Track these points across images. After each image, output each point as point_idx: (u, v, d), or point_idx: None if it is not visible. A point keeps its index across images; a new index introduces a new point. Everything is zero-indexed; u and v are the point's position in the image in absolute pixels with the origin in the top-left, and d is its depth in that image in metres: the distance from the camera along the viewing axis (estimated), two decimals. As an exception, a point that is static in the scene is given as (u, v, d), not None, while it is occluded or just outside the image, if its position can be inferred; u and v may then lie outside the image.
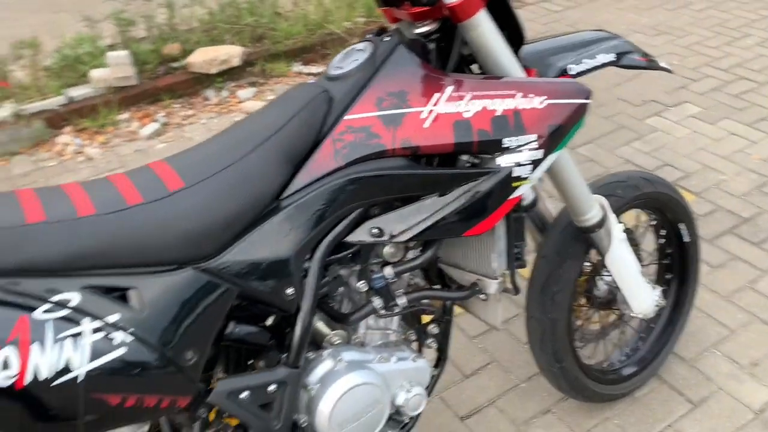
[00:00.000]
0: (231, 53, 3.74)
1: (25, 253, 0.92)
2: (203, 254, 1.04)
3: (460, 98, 1.15)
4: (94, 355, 0.93)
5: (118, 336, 0.96)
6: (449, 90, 1.15)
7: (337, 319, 1.26)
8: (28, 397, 0.90)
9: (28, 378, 0.88)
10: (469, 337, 2.08)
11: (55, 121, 3.37)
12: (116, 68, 3.49)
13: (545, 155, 1.20)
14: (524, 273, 1.65)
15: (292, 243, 1.10)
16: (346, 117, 1.13)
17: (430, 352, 1.42)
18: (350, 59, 1.20)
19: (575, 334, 1.70)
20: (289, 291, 1.11)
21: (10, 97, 3.41)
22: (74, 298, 0.94)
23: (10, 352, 0.87)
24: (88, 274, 0.96)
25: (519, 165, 1.18)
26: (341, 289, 1.26)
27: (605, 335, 1.87)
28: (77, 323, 0.93)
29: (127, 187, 1.03)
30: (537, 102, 1.18)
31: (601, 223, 1.49)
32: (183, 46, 3.82)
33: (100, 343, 0.94)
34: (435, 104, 1.14)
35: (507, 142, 1.17)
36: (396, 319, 1.35)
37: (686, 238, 1.81)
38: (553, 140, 1.20)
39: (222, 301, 1.05)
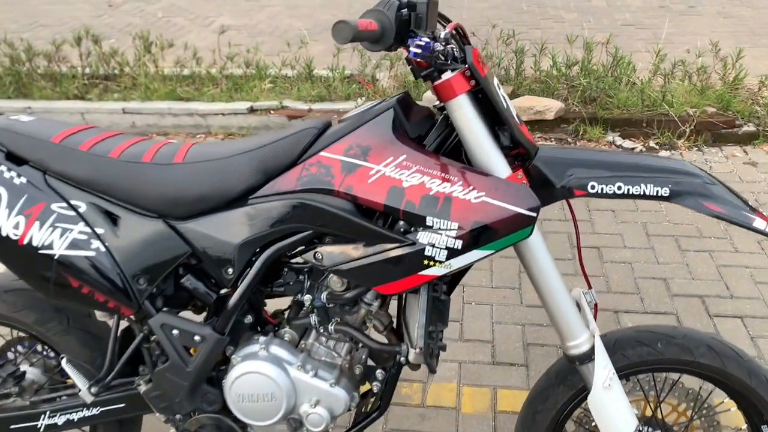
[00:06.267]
0: (549, 106, 3.89)
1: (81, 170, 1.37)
2: (174, 215, 1.37)
3: (407, 168, 1.24)
4: (71, 247, 1.36)
5: (96, 243, 1.36)
6: (402, 158, 1.25)
7: (287, 320, 1.47)
8: (24, 252, 1.37)
9: (26, 240, 1.35)
10: None
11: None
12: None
13: (464, 248, 1.20)
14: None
15: (242, 234, 1.35)
16: (321, 153, 1.32)
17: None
18: (359, 109, 1.37)
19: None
20: (230, 271, 1.37)
21: (364, 96, 4.19)
22: (82, 206, 1.38)
23: (21, 220, 1.35)
24: (100, 196, 1.38)
25: (433, 246, 1.21)
26: (298, 296, 1.45)
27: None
28: (74, 222, 1.36)
29: (155, 149, 1.42)
30: (472, 195, 1.20)
31: (586, 357, 1.34)
32: (514, 90, 4.11)
33: (79, 241, 1.36)
34: (385, 166, 1.25)
35: (430, 221, 1.21)
36: (346, 348, 1.47)
37: None
38: (474, 236, 1.19)
39: (176, 253, 1.37)
